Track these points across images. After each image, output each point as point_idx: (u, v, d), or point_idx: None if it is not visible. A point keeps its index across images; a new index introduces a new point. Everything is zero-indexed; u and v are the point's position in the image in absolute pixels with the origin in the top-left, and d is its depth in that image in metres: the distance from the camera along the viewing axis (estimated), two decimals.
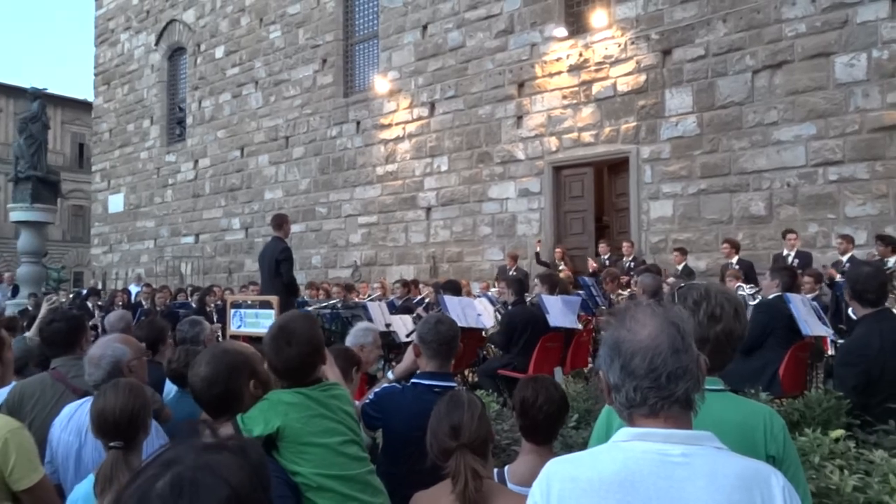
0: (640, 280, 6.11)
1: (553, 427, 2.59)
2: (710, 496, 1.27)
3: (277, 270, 7.22)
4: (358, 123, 15.91)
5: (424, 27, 14.76)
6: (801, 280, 6.77)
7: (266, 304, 6.55)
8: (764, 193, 10.33)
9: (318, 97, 16.82)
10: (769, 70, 10.32)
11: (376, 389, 3.15)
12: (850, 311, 6.67)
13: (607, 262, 11.12)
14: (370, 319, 7.70)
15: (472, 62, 13.89)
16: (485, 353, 7.98)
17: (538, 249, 12.02)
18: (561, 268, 11.09)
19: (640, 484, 1.30)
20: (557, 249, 11.77)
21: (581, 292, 8.24)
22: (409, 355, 3.26)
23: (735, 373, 5.04)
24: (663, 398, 1.36)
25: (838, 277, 8.15)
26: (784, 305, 5.49)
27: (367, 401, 3.04)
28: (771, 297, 5.55)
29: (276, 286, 7.10)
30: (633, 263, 10.58)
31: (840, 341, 5.78)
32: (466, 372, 7.77)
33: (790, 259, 9.20)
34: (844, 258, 8.88)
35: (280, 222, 7.60)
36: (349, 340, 3.90)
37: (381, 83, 15.26)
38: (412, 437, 2.67)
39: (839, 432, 2.89)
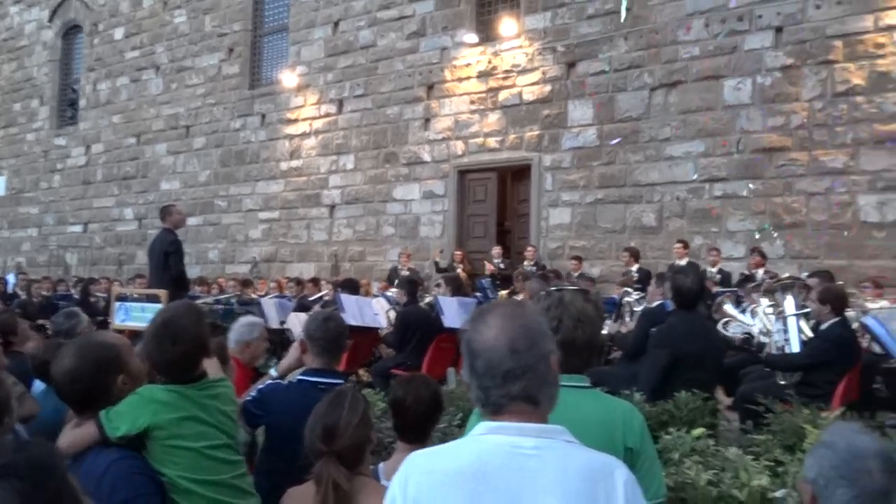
0: (528, 285, 6.27)
1: (424, 426, 2.60)
2: (557, 487, 1.33)
3: (166, 263, 6.97)
4: (263, 117, 15.56)
5: (336, 23, 14.61)
6: None
7: (154, 298, 6.31)
8: (655, 206, 10.81)
9: (222, 87, 16.33)
10: (665, 88, 10.81)
11: (259, 386, 3.09)
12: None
13: (501, 266, 11.34)
14: (264, 317, 7.56)
15: (382, 62, 13.86)
16: (379, 353, 7.97)
17: (437, 259, 12.11)
18: (458, 270, 11.21)
19: (492, 475, 1.34)
20: (458, 252, 11.90)
21: (478, 294, 8.37)
22: (293, 351, 3.22)
23: (620, 376, 5.28)
24: (502, 396, 1.40)
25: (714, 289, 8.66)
26: (665, 313, 5.75)
27: (250, 398, 2.98)
28: (654, 304, 5.80)
29: (165, 279, 6.85)
30: (535, 268, 10.83)
31: None
32: (361, 371, 7.74)
33: None
34: (714, 269, 9.45)
35: (166, 213, 7.34)
36: (233, 336, 3.81)
37: (288, 77, 14.98)
38: (296, 435, 2.65)
39: (700, 431, 3.06)
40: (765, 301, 6.27)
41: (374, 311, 7.40)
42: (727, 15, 10.34)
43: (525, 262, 11.24)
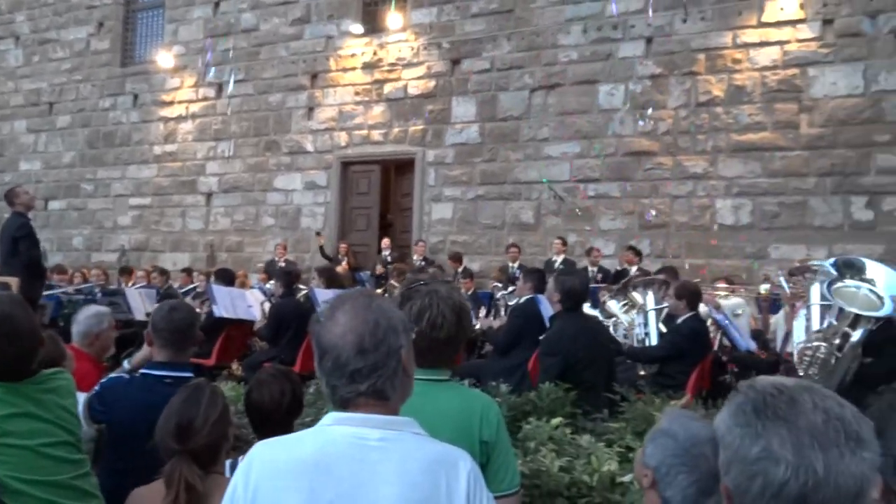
0: (406, 280, 6.30)
1: (283, 424, 2.52)
2: (398, 478, 1.33)
3: (16, 248, 6.47)
4: (136, 97, 14.75)
5: (216, 4, 14.06)
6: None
7: (3, 286, 5.84)
8: (533, 203, 11.14)
9: (90, 63, 15.33)
10: (544, 90, 11.15)
11: (103, 380, 2.93)
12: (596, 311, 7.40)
13: (389, 259, 11.35)
14: (129, 307, 7.19)
15: (265, 47, 13.48)
16: (255, 346, 7.77)
17: (322, 243, 11.95)
18: (343, 263, 11.12)
19: (334, 465, 1.33)
20: (342, 245, 11.79)
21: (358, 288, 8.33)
22: (139, 356, 3.08)
23: (491, 370, 5.40)
24: (349, 392, 1.40)
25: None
26: (535, 307, 5.93)
27: (93, 392, 2.82)
28: (523, 299, 5.97)
29: (16, 266, 6.36)
30: (423, 262, 10.90)
31: None
32: (234, 365, 7.51)
33: (557, 264, 10.01)
34: (594, 268, 9.88)
35: (13, 196, 6.83)
36: (79, 328, 3.59)
37: (164, 57, 14.27)
38: (138, 432, 2.52)
39: (557, 420, 3.19)
40: (619, 299, 6.62)
41: (247, 303, 7.20)
42: (603, 23, 10.79)
43: (414, 257, 11.30)
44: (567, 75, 11.00)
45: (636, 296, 7.07)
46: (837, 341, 4.52)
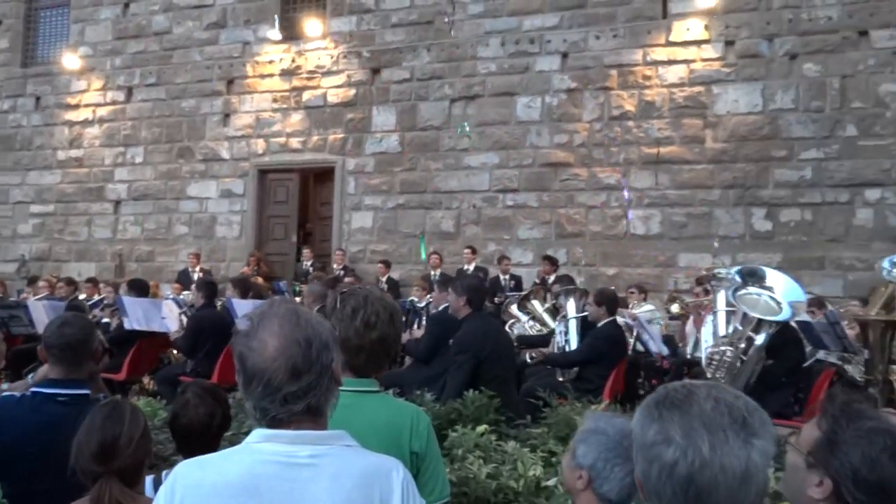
0: (308, 288, 6.26)
1: (210, 442, 2.41)
2: (330, 496, 1.31)
3: None
4: (38, 99, 14.03)
5: (126, 5, 13.56)
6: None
7: None
8: (453, 212, 11.25)
9: None
10: (464, 101, 11.30)
11: None
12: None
13: (311, 269, 11.19)
14: (30, 321, 6.83)
15: (178, 51, 13.09)
16: (169, 359, 7.51)
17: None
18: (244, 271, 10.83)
19: (263, 487, 1.29)
20: (252, 255, 11.50)
21: (276, 298, 8.18)
22: (42, 371, 2.94)
23: (414, 380, 5.42)
24: (283, 413, 1.35)
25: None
26: (453, 315, 5.99)
27: None
28: (442, 307, 6.02)
29: None
30: (342, 272, 10.79)
31: None
32: (146, 379, 7.24)
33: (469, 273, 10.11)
34: (506, 276, 10.06)
35: None
36: None
37: (69, 59, 13.64)
38: (27, 454, 2.40)
39: (482, 428, 3.24)
40: (537, 304, 6.82)
41: (161, 314, 6.96)
42: (520, 37, 11.04)
43: (334, 266, 11.18)
44: (486, 87, 11.19)
45: (535, 304, 7.31)
46: (743, 345, 4.79)
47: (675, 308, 7.98)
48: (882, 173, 9.26)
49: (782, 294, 4.80)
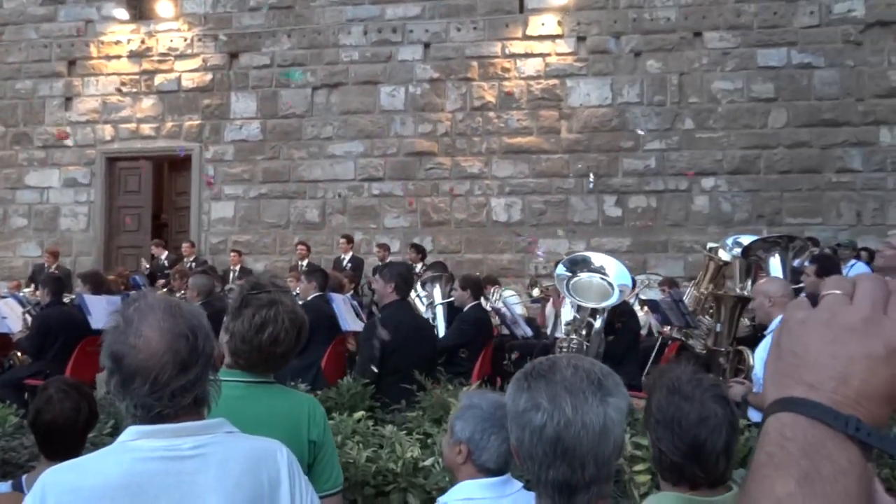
0: (193, 281, 6.04)
1: (76, 440, 2.32)
2: (219, 483, 1.30)
3: None
4: None
5: None
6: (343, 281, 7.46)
7: None
8: (318, 202, 11.13)
9: None
10: (327, 88, 11.18)
11: None
12: (374, 307, 7.60)
13: (166, 263, 10.66)
14: None
15: (9, 27, 11.99)
16: (11, 361, 6.94)
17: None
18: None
19: (148, 484, 1.26)
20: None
21: (133, 292, 7.76)
22: None
23: (286, 370, 5.36)
24: (170, 409, 1.32)
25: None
26: (326, 305, 5.99)
27: None
28: (311, 297, 5.99)
29: None
30: (194, 264, 10.35)
31: None
32: None
33: (345, 262, 10.07)
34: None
35: None
36: None
37: None
38: None
39: (360, 414, 3.30)
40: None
41: (1, 314, 6.42)
42: (383, 25, 11.07)
43: (185, 259, 10.70)
44: (349, 75, 11.13)
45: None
46: (584, 332, 5.13)
47: (536, 292, 8.37)
48: (715, 163, 10.16)
49: (614, 277, 5.16)
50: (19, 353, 6.59)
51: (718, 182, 10.15)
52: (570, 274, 5.04)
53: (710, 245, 5.63)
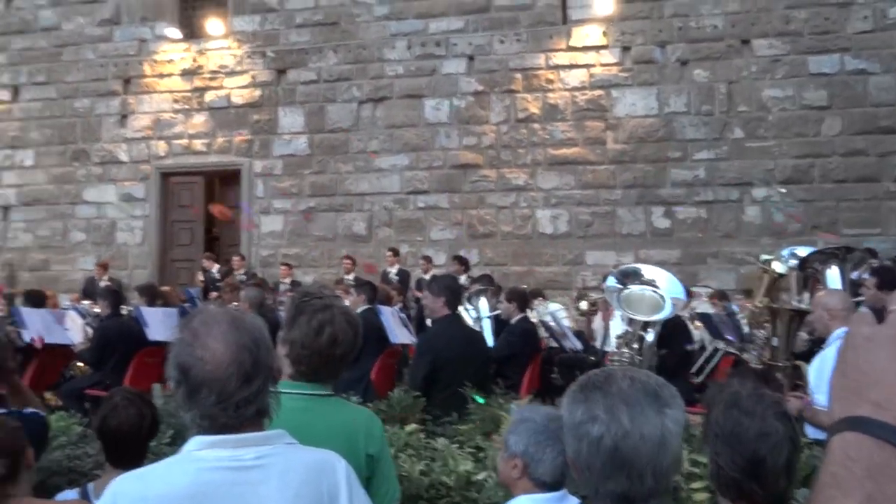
0: (245, 294, 6.17)
1: (140, 447, 2.41)
2: (280, 494, 1.33)
3: None
4: None
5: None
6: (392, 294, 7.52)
7: None
8: (365, 215, 11.25)
9: None
10: (372, 103, 11.32)
11: None
12: (428, 321, 7.66)
13: (218, 276, 10.88)
14: None
15: (68, 48, 12.46)
16: (72, 372, 7.16)
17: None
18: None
19: (213, 494, 1.29)
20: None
21: (187, 304, 7.96)
22: None
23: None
24: (234, 420, 1.35)
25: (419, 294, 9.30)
26: (375, 317, 6.05)
27: None
28: (360, 310, 6.04)
29: None
30: (245, 277, 10.54)
31: None
32: (47, 394, 6.87)
33: (391, 275, 10.15)
34: (427, 276, 10.14)
35: None
36: None
37: None
38: None
39: (412, 426, 3.32)
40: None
41: (64, 325, 6.64)
42: (427, 39, 11.17)
43: (235, 272, 10.90)
44: (394, 89, 11.25)
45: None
46: (636, 345, 5.05)
47: (583, 305, 8.30)
48: (767, 173, 9.96)
49: (666, 290, 5.07)
50: (80, 364, 6.81)
51: (771, 192, 9.94)
52: (620, 286, 4.97)
53: (763, 257, 5.50)
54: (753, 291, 5.57)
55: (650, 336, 5.03)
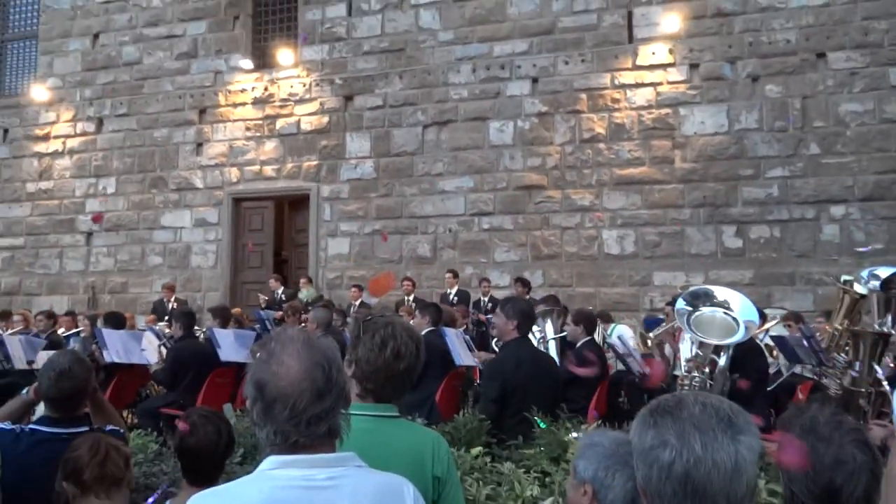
0: (313, 314, 6.27)
1: (216, 465, 2.49)
2: None
3: None
4: (6, 132, 13.88)
5: (95, 36, 13.53)
6: (456, 316, 7.52)
7: None
8: (430, 237, 11.33)
9: None
10: (437, 126, 11.44)
11: None
12: (494, 343, 7.63)
13: (283, 298, 11.13)
14: (7, 356, 6.72)
15: (149, 81, 13.07)
16: (147, 391, 7.43)
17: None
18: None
19: None
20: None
21: (257, 326, 8.15)
22: (20, 397, 2.94)
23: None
24: (305, 436, 1.38)
25: (478, 316, 9.31)
26: (439, 339, 6.05)
27: None
28: (424, 332, 6.06)
29: None
30: (311, 299, 10.74)
31: None
32: (126, 413, 7.13)
33: (451, 297, 10.19)
34: (486, 298, 10.13)
35: None
36: None
37: (38, 90, 13.54)
38: (28, 492, 2.40)
39: (478, 449, 3.29)
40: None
41: (141, 346, 6.90)
42: (491, 62, 11.24)
43: (301, 293, 11.12)
44: (458, 112, 11.34)
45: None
46: (707, 369, 4.88)
47: (648, 342, 8.08)
48: (845, 190, 9.56)
49: (739, 312, 4.88)
50: (155, 384, 7.05)
51: (850, 210, 9.54)
52: (690, 308, 4.82)
53: (844, 277, 5.25)
54: (833, 314, 5.31)
55: (723, 360, 4.86)
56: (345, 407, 1.45)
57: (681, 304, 4.92)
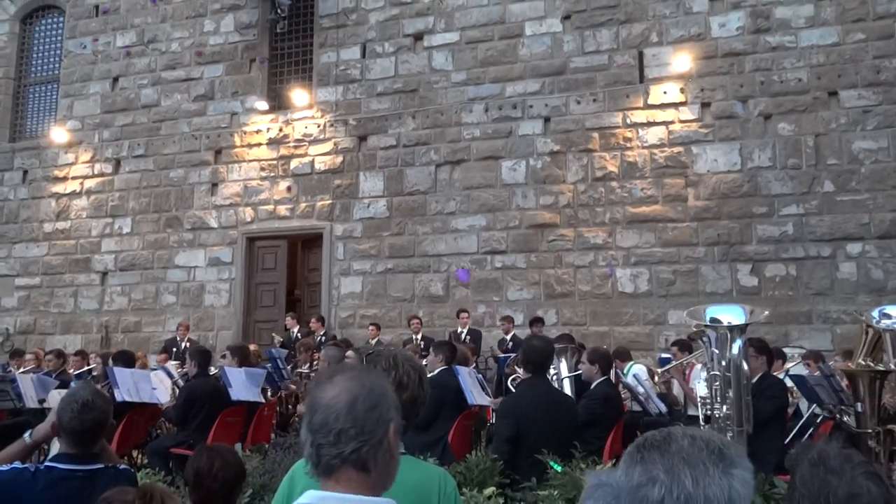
0: (325, 352, 6.23)
1: (229, 497, 2.46)
2: None
3: None
4: (25, 173, 14.10)
5: (115, 79, 13.81)
6: (468, 354, 7.44)
7: None
8: (442, 276, 11.30)
9: None
10: (450, 165, 11.51)
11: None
12: (509, 382, 7.54)
13: (298, 336, 11.09)
14: (18, 395, 6.71)
15: (166, 122, 13.29)
16: (157, 430, 7.37)
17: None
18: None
19: None
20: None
21: (268, 365, 8.10)
22: (42, 429, 2.90)
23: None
24: (334, 457, 1.39)
25: (501, 354, 9.21)
26: (453, 378, 5.98)
27: None
28: (438, 371, 5.99)
29: None
30: (323, 338, 10.71)
31: None
32: (135, 452, 7.07)
33: (463, 336, 10.12)
34: (508, 336, 10.04)
35: None
36: None
37: (58, 132, 13.79)
38: None
39: (490, 490, 3.22)
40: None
41: (152, 385, 6.87)
42: (503, 102, 11.35)
43: (315, 333, 11.09)
44: (471, 151, 11.42)
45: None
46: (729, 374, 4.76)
47: (656, 378, 7.97)
48: (861, 227, 9.48)
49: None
50: (166, 422, 6.99)
51: (867, 247, 9.44)
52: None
53: (867, 312, 5.15)
54: (855, 350, 5.21)
55: (735, 346, 4.73)
56: (383, 442, 1.43)
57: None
